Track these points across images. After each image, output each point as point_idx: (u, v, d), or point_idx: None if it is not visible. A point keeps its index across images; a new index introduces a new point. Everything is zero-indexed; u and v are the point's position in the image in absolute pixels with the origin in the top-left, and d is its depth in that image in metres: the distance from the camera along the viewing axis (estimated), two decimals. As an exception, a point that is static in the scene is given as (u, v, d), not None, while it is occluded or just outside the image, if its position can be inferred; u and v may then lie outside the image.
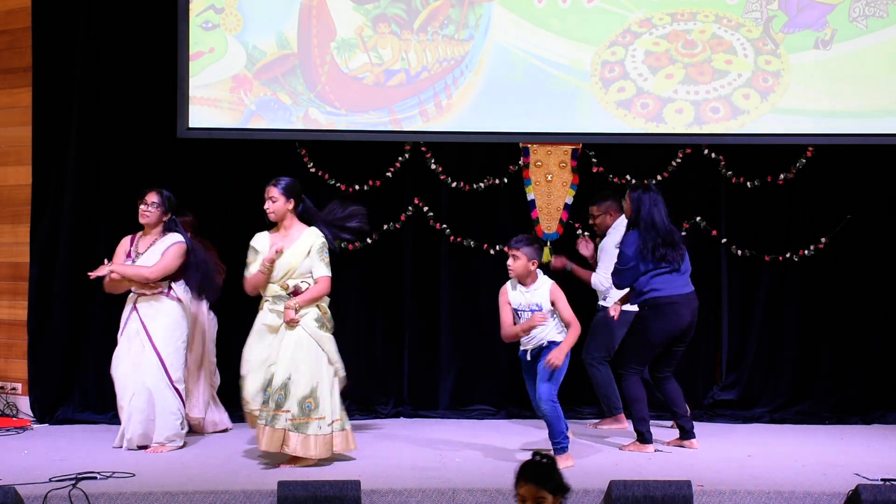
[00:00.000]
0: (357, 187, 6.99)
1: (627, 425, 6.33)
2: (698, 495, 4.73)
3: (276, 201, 5.51)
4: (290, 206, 5.52)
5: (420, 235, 7.07)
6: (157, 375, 5.78)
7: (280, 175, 5.63)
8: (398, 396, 7.07)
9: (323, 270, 5.49)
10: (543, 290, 5.38)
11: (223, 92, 6.69)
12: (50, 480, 4.86)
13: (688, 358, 7.05)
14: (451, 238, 7.03)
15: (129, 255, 5.90)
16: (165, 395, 5.79)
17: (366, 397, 6.99)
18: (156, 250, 5.85)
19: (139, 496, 4.72)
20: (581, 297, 6.45)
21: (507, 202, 7.00)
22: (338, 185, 6.97)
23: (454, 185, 7.02)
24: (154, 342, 5.79)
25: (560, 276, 6.12)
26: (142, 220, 5.90)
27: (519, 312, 5.39)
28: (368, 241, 6.99)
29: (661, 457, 5.71)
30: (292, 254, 5.46)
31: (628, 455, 5.77)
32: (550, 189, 6.89)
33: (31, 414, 6.78)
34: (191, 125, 6.68)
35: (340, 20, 6.71)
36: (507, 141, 6.88)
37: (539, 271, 5.44)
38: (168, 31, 6.70)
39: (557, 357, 5.27)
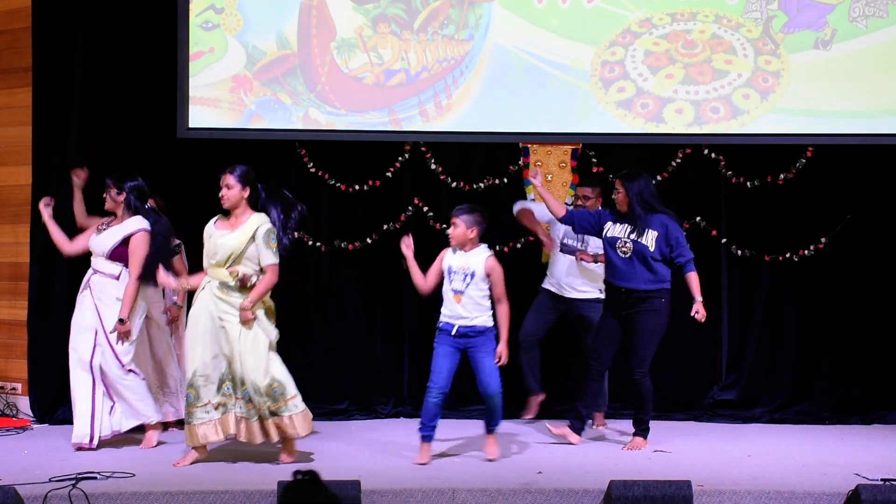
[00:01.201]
0: (357, 187, 7.00)
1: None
2: (698, 495, 4.74)
3: (231, 188, 5.50)
4: (245, 193, 5.51)
5: (420, 235, 7.03)
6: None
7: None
8: (398, 396, 7.08)
9: (270, 258, 5.45)
10: (480, 258, 5.52)
11: (223, 92, 6.69)
12: (50, 480, 4.87)
13: (688, 358, 7.08)
14: (451, 238, 7.02)
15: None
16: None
17: (366, 397, 6.99)
18: (118, 231, 5.95)
19: (139, 496, 4.72)
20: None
21: (507, 202, 6.98)
22: (338, 185, 6.97)
23: (454, 185, 7.02)
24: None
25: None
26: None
27: (451, 275, 5.52)
28: (368, 240, 6.99)
29: (661, 457, 5.71)
30: (235, 238, 5.44)
31: (628, 455, 5.77)
32: (550, 189, 6.88)
33: (31, 414, 6.78)
34: (191, 125, 6.68)
35: (340, 20, 6.71)
36: (506, 141, 6.88)
37: (483, 245, 5.58)
38: (168, 31, 6.70)
39: (505, 352, 5.50)
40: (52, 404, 6.74)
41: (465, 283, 5.48)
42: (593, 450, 5.87)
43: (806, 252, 7.00)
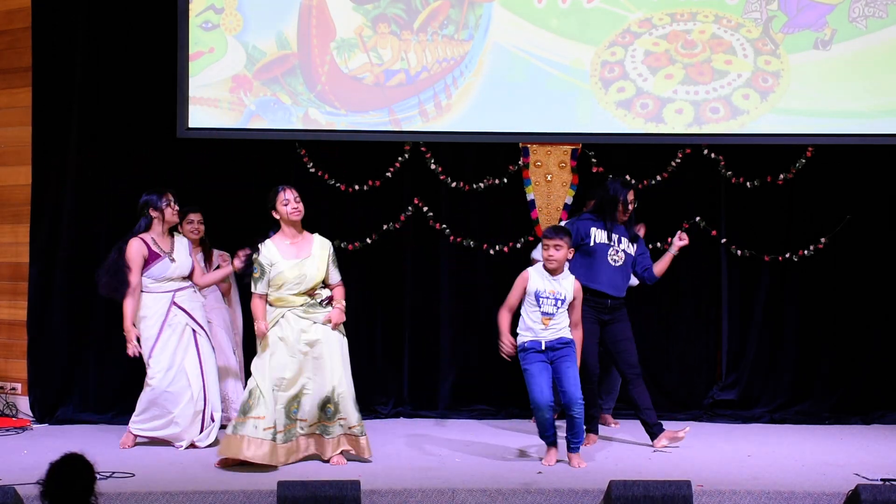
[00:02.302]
0: (357, 187, 7.00)
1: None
2: (698, 495, 4.73)
3: (300, 201, 5.54)
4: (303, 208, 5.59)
5: (420, 235, 7.07)
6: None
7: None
8: (398, 396, 7.08)
9: (338, 276, 5.59)
10: (569, 281, 5.47)
11: (223, 92, 6.69)
12: (50, 480, 4.86)
13: (688, 358, 7.08)
14: (451, 238, 7.03)
15: (159, 257, 5.88)
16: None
17: (366, 397, 6.96)
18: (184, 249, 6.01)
19: (139, 496, 4.72)
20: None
21: (507, 202, 7.00)
22: (337, 185, 6.97)
23: (454, 185, 7.02)
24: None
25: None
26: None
27: (540, 299, 5.40)
28: (368, 240, 6.99)
29: (661, 457, 5.71)
30: (315, 266, 5.48)
31: (628, 455, 5.77)
32: (550, 189, 6.89)
33: (31, 414, 6.78)
34: (191, 125, 6.67)
35: (340, 20, 6.71)
36: (506, 141, 6.88)
37: (566, 268, 5.53)
38: (168, 31, 6.70)
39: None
40: (52, 404, 6.73)
41: (556, 307, 5.39)
42: (593, 450, 5.87)
43: (806, 252, 7.00)
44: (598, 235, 5.97)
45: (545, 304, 5.39)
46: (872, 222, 7.00)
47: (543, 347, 5.40)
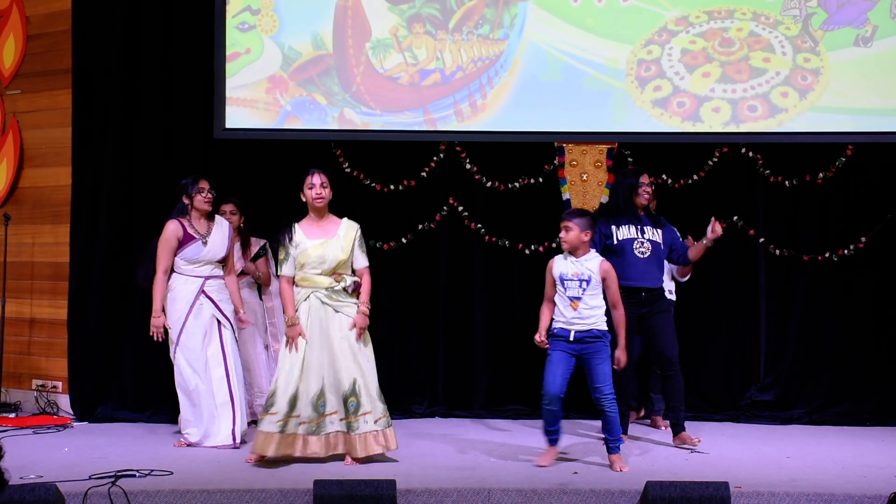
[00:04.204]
0: (392, 187, 7.01)
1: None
2: (736, 497, 4.70)
3: (326, 188, 5.50)
4: (331, 195, 5.57)
5: (455, 235, 7.07)
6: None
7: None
8: (433, 396, 7.08)
9: (364, 261, 5.55)
10: (594, 262, 5.39)
11: (259, 93, 6.73)
12: (90, 478, 4.92)
13: (725, 358, 7.02)
14: (486, 238, 7.02)
15: (193, 239, 5.95)
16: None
17: (401, 397, 7.00)
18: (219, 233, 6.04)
19: (177, 494, 4.76)
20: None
21: (543, 202, 6.97)
22: (373, 185, 6.99)
23: (489, 184, 7.02)
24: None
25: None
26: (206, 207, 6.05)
27: (565, 282, 5.36)
28: (404, 240, 7.01)
29: (699, 458, 5.67)
30: (339, 247, 5.46)
31: (664, 455, 5.73)
32: (586, 188, 6.86)
33: (72, 412, 6.86)
34: (227, 126, 6.73)
35: (375, 20, 6.73)
36: (542, 140, 6.86)
37: (593, 250, 5.46)
38: (205, 33, 6.76)
39: (624, 356, 5.38)
40: (92, 402, 6.81)
41: (582, 288, 5.33)
42: (630, 450, 5.84)
43: (845, 252, 6.91)
44: (620, 231, 5.96)
45: (570, 288, 5.34)
46: (914, 221, 6.91)
47: (572, 338, 5.33)
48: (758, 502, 4.78)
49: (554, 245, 6.93)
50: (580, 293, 5.33)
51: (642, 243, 5.94)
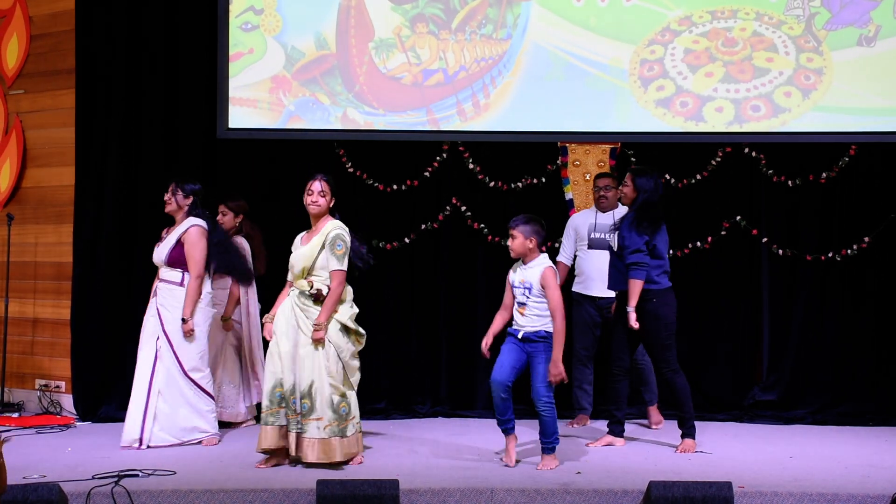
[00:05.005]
0: (395, 187, 7.01)
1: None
2: (739, 497, 4.70)
3: (324, 196, 5.42)
4: (332, 203, 5.49)
5: (457, 235, 7.07)
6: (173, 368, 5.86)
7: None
8: (435, 396, 7.08)
9: (334, 264, 5.33)
10: (536, 270, 5.34)
11: (262, 93, 6.74)
12: (93, 478, 4.93)
13: (728, 358, 7.01)
14: (489, 238, 7.03)
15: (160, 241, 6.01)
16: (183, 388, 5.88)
17: (403, 397, 7.00)
18: (173, 236, 5.94)
19: (180, 494, 4.77)
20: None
21: (546, 202, 6.97)
22: (376, 184, 6.99)
23: (492, 184, 7.02)
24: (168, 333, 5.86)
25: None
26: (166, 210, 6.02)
27: (514, 289, 5.41)
28: (406, 240, 7.01)
29: (702, 458, 5.67)
30: (309, 247, 5.40)
31: (668, 455, 5.73)
32: (589, 188, 6.85)
33: (75, 412, 6.87)
34: (230, 126, 6.74)
35: (378, 20, 6.74)
36: (545, 140, 6.87)
37: (544, 254, 5.42)
38: (208, 32, 6.77)
39: (560, 372, 5.25)
40: (95, 402, 6.81)
41: (525, 296, 5.35)
42: (632, 450, 5.84)
43: (848, 251, 6.91)
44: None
45: (518, 294, 5.39)
46: (917, 221, 6.90)
47: (521, 337, 5.37)
48: (761, 502, 4.78)
49: (557, 245, 6.94)
50: (525, 299, 5.37)
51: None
